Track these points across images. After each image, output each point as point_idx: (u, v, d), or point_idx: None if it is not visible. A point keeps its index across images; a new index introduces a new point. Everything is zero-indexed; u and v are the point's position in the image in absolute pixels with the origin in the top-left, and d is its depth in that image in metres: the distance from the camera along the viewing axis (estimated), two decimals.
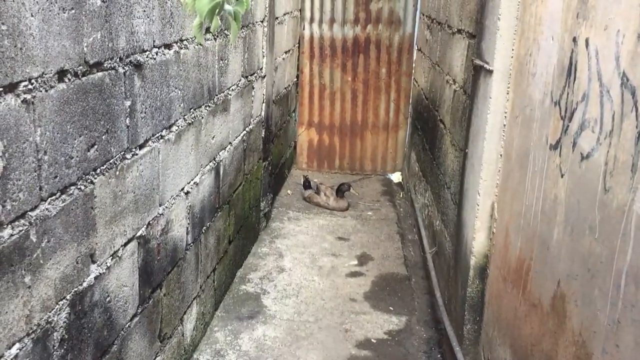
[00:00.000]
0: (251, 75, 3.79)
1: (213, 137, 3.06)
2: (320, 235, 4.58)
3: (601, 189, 1.52)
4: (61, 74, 1.61)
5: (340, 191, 5.11)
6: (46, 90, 1.55)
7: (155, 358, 2.47)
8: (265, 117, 4.30)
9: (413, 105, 5.57)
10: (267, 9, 4.08)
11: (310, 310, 3.50)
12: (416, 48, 5.58)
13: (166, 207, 2.47)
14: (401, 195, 5.60)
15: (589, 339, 1.54)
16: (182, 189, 2.66)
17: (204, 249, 3.04)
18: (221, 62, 3.08)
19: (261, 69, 4.07)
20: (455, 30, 3.50)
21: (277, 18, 4.56)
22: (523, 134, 2.21)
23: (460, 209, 2.95)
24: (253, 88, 3.87)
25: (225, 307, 3.46)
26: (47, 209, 1.59)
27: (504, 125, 2.45)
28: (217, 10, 0.91)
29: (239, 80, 3.50)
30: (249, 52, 3.68)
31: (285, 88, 5.30)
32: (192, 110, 2.69)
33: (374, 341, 3.23)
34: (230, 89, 3.32)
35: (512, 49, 2.38)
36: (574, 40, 1.77)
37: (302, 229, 4.67)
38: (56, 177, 1.62)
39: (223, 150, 3.28)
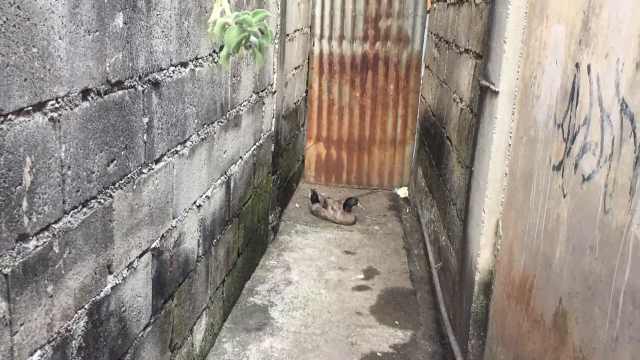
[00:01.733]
0: (262, 91, 3.87)
1: (225, 152, 3.13)
2: (327, 249, 4.63)
3: (601, 210, 1.58)
4: (85, 93, 1.69)
5: (348, 205, 5.17)
6: (71, 109, 1.63)
7: None
8: (275, 131, 4.38)
9: (420, 121, 5.65)
10: (279, 27, 4.17)
11: (316, 322, 3.55)
12: (424, 65, 5.66)
13: (179, 220, 2.54)
14: (407, 210, 5.65)
15: (589, 356, 1.59)
16: (195, 202, 2.73)
17: (214, 261, 3.11)
18: (234, 78, 3.17)
19: (272, 84, 4.15)
20: (463, 49, 3.58)
21: (287, 35, 4.66)
22: (527, 154, 2.27)
23: (465, 225, 3.00)
24: (264, 103, 3.96)
25: (234, 319, 3.52)
26: (69, 221, 1.66)
27: (509, 145, 2.51)
28: (244, 42, 0.98)
29: (250, 96, 3.58)
30: (260, 68, 3.76)
31: (295, 103, 5.38)
32: (205, 126, 2.77)
33: (380, 354, 3.28)
34: (242, 104, 3.40)
35: (518, 71, 2.45)
36: (577, 65, 1.83)
37: (310, 242, 4.74)
38: (78, 190, 1.70)
39: (234, 165, 3.35)
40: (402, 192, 6.12)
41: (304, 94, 5.91)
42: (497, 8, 2.62)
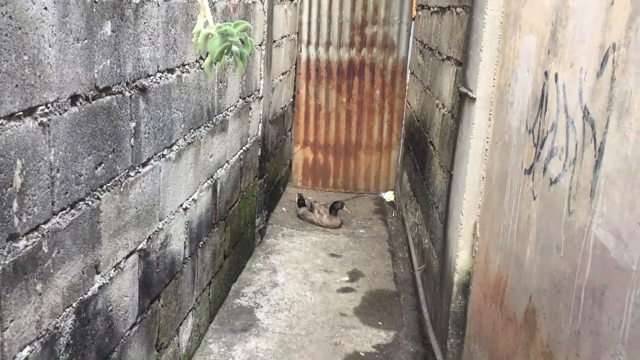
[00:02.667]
0: (249, 96, 3.95)
1: (211, 156, 3.20)
2: (313, 252, 4.71)
3: (566, 211, 1.66)
4: (74, 99, 1.76)
5: (334, 209, 5.25)
6: (60, 114, 1.69)
7: None
8: (262, 136, 4.45)
9: (406, 126, 5.74)
10: (265, 33, 4.25)
11: (301, 324, 3.62)
12: (409, 71, 5.76)
13: (166, 222, 2.60)
14: (393, 214, 5.74)
15: (555, 349, 1.68)
16: (181, 205, 2.79)
17: (200, 263, 3.17)
18: (220, 84, 3.24)
19: (258, 90, 4.23)
20: (445, 57, 3.67)
21: (274, 41, 4.73)
22: (502, 158, 2.36)
23: (446, 228, 3.09)
24: (250, 109, 4.03)
25: (220, 320, 3.58)
26: (58, 222, 1.72)
27: (486, 149, 2.60)
28: (226, 51, 1.05)
29: (237, 102, 3.65)
30: (247, 74, 3.83)
31: (282, 108, 5.46)
32: (192, 130, 2.84)
33: (363, 354, 3.35)
34: (229, 109, 3.47)
35: (494, 79, 2.54)
36: (546, 74, 1.92)
37: (296, 246, 4.81)
38: (67, 193, 1.76)
39: (220, 169, 3.42)
40: (388, 196, 6.20)
41: (292, 99, 5.98)
42: (474, 18, 2.71)
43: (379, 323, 3.71)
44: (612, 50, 1.46)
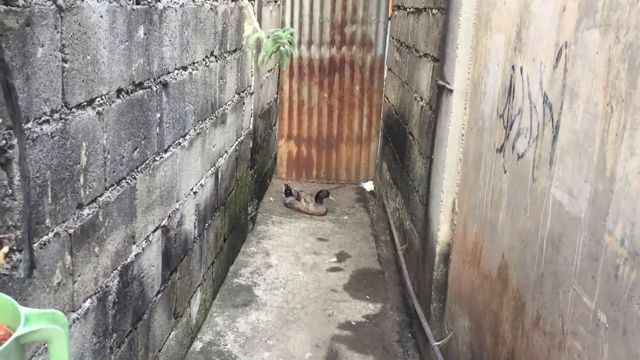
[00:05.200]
0: (243, 92, 4.27)
1: (214, 146, 3.52)
2: (302, 237, 5.05)
3: (531, 179, 2.03)
4: (119, 92, 2.07)
5: (319, 197, 5.60)
6: (110, 105, 2.01)
7: (171, 331, 2.91)
8: (253, 129, 4.78)
9: (384, 119, 6.12)
10: None
11: (296, 299, 3.96)
12: (387, 68, 6.14)
13: (181, 203, 2.92)
14: (374, 202, 6.11)
15: (523, 292, 2.05)
16: (192, 189, 3.11)
17: (206, 243, 3.49)
18: (221, 80, 3.56)
19: (250, 86, 4.55)
20: (422, 54, 4.04)
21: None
22: (477, 141, 2.73)
23: (427, 207, 3.46)
24: (244, 103, 4.35)
25: (222, 297, 3.90)
26: (108, 196, 2.04)
27: (462, 135, 2.97)
28: (276, 50, 1.38)
29: (234, 97, 3.97)
30: (241, 71, 4.15)
31: (268, 104, 5.79)
32: (200, 122, 3.16)
33: (354, 323, 3.71)
34: (227, 104, 3.79)
35: (468, 73, 2.92)
36: (513, 67, 2.30)
37: (286, 231, 5.15)
38: (114, 171, 2.08)
39: (221, 158, 3.74)
40: (368, 185, 6.58)
41: (276, 95, 6.31)
42: (450, 19, 3.08)
43: (367, 297, 4.07)
44: (565, 47, 1.83)
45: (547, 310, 1.84)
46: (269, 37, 1.38)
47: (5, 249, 1.42)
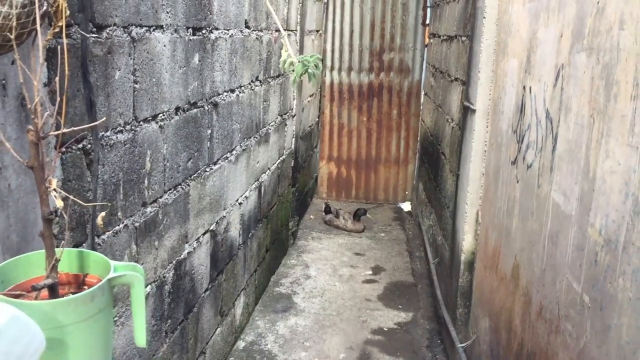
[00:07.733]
0: (285, 114, 4.62)
1: (257, 162, 3.86)
2: (339, 251, 5.33)
3: (536, 186, 2.28)
4: (177, 110, 2.43)
5: (357, 215, 5.88)
6: (169, 120, 2.36)
7: (217, 328, 3.22)
8: (295, 149, 5.12)
9: (420, 142, 6.38)
10: None
11: (333, 307, 4.23)
12: (423, 92, 6.42)
13: (228, 211, 3.25)
14: (410, 221, 6.34)
15: (530, 288, 2.28)
16: (237, 200, 3.44)
17: (249, 251, 3.81)
18: (265, 103, 3.91)
19: (292, 109, 4.90)
20: (453, 78, 4.32)
21: None
22: (496, 156, 2.98)
23: (454, 220, 3.70)
24: (286, 125, 4.70)
25: (263, 303, 4.20)
26: (166, 198, 2.38)
27: (485, 151, 3.23)
28: (304, 72, 1.69)
29: (276, 118, 4.32)
30: (283, 95, 4.51)
31: (310, 126, 6.13)
32: (245, 139, 3.50)
33: (386, 329, 3.95)
34: (270, 124, 4.14)
35: (490, 94, 3.18)
36: (524, 88, 2.56)
37: (324, 246, 5.43)
38: (172, 178, 2.42)
39: (264, 174, 4.07)
40: (405, 206, 6.82)
41: (317, 119, 6.66)
42: (474, 45, 3.36)
43: (399, 306, 4.31)
44: (562, 69, 2.10)
45: (547, 300, 2.08)
46: (299, 61, 1.69)
47: (103, 213, 1.77)
